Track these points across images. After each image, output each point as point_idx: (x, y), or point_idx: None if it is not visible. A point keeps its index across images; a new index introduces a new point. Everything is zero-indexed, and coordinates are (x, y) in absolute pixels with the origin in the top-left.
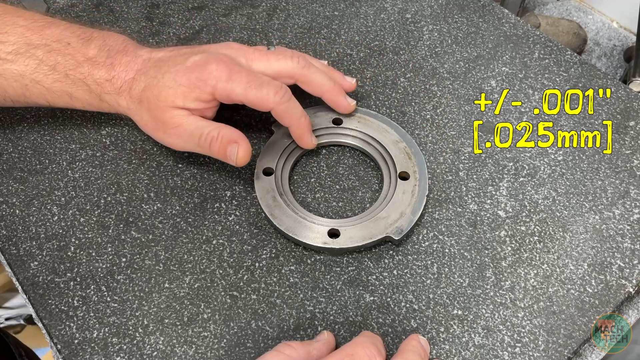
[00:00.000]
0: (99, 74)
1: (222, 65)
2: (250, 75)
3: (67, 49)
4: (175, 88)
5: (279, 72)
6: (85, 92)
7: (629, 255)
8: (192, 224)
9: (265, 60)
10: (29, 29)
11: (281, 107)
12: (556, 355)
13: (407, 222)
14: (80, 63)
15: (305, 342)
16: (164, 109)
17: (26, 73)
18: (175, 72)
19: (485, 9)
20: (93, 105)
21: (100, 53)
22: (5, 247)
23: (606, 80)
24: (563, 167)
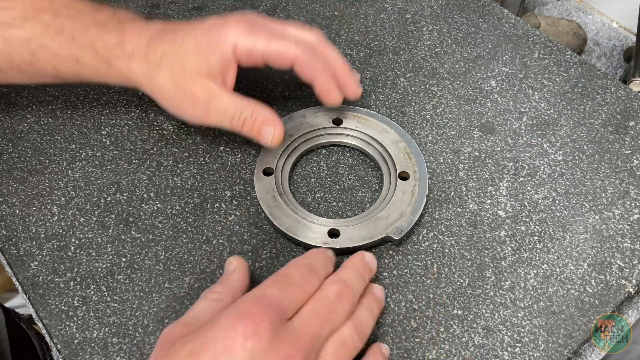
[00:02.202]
0: (108, 38)
1: (242, 21)
2: (271, 29)
3: (76, 14)
4: (197, 53)
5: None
6: (92, 56)
7: (629, 255)
8: (192, 224)
9: (283, 27)
10: None
11: (305, 57)
12: (556, 355)
13: (407, 222)
14: (88, 27)
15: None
16: (192, 80)
17: (33, 38)
18: (194, 35)
19: (485, 9)
20: (100, 71)
21: (110, 20)
22: (5, 247)
23: (606, 80)
24: (563, 167)
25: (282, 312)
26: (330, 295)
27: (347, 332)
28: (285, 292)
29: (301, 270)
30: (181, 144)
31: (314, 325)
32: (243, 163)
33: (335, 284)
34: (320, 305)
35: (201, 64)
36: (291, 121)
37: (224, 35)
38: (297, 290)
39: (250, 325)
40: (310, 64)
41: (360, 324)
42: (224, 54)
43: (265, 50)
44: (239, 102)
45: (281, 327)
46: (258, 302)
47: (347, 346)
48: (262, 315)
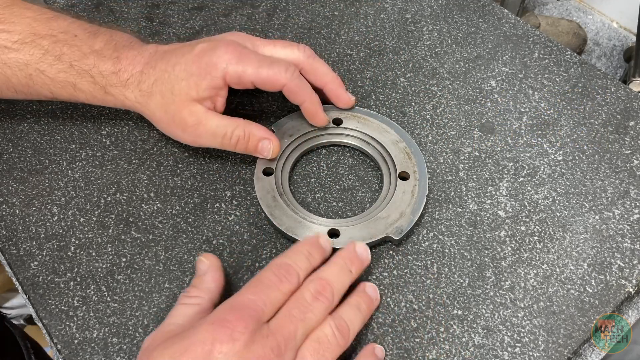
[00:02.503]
0: (105, 66)
1: (231, 47)
2: (260, 56)
3: (74, 41)
4: (187, 79)
5: (285, 59)
6: (90, 83)
7: (629, 255)
8: (192, 224)
9: (272, 46)
10: (36, 20)
11: (293, 82)
12: (556, 355)
13: (407, 222)
14: (86, 54)
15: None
16: (180, 105)
17: (31, 62)
18: (185, 62)
19: (485, 9)
20: (97, 97)
21: (106, 46)
22: (5, 247)
23: (606, 80)
24: (563, 167)
25: (258, 315)
26: (306, 295)
27: (328, 329)
28: (260, 295)
29: (278, 271)
30: (181, 144)
31: (288, 326)
32: (243, 163)
33: (312, 282)
34: (294, 307)
35: (191, 89)
36: (291, 121)
37: (213, 62)
38: (273, 292)
39: (226, 330)
40: (298, 90)
41: (344, 323)
42: (213, 80)
43: (254, 77)
44: (228, 123)
45: (257, 331)
46: (233, 309)
47: (327, 344)
48: (236, 321)
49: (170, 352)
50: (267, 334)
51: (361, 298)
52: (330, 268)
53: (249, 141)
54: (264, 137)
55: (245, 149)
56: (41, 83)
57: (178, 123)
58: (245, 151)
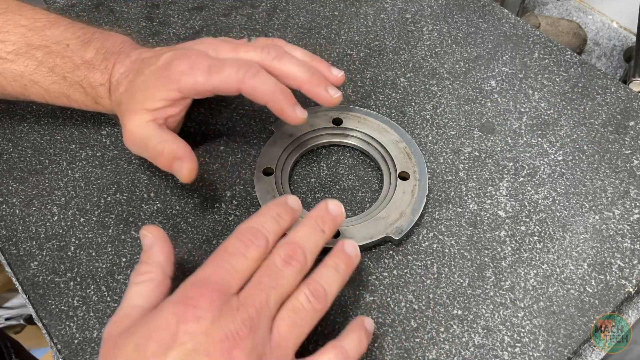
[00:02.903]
0: (94, 78)
1: (185, 59)
2: (211, 61)
3: (66, 51)
4: (144, 90)
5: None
6: (82, 94)
7: (629, 255)
8: (192, 224)
9: (234, 52)
10: (30, 29)
11: (248, 83)
12: (556, 355)
13: (407, 222)
14: (78, 66)
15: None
16: (130, 113)
17: (25, 73)
18: (148, 74)
19: (485, 9)
20: (89, 106)
21: (97, 56)
22: (5, 247)
23: (606, 80)
24: (563, 167)
25: (224, 288)
26: (277, 260)
27: (303, 297)
28: (224, 265)
29: (242, 237)
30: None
31: (259, 295)
32: (243, 163)
33: (282, 247)
34: (264, 274)
35: (146, 99)
36: None
37: (168, 75)
38: (239, 260)
39: (190, 309)
40: (255, 89)
41: (319, 287)
42: (169, 92)
43: (207, 85)
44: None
45: (224, 305)
46: (195, 285)
47: (303, 311)
48: (199, 298)
49: (135, 339)
50: (236, 306)
51: (339, 258)
52: (300, 230)
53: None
54: (177, 157)
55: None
56: (36, 93)
57: (123, 127)
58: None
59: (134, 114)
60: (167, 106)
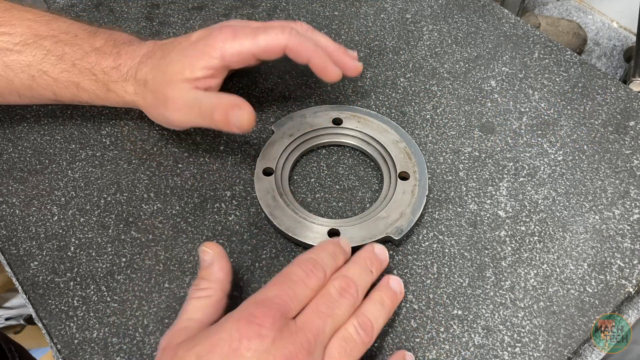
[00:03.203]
0: (106, 63)
1: (225, 29)
2: (254, 26)
3: (75, 40)
4: (182, 60)
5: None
6: (92, 81)
7: (629, 255)
8: (192, 224)
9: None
10: (36, 22)
11: (294, 41)
12: (556, 355)
13: (407, 222)
14: (88, 53)
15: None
16: (167, 84)
17: (33, 63)
18: (181, 48)
19: (485, 9)
20: (99, 96)
21: (106, 44)
22: (5, 247)
23: (606, 80)
24: (563, 167)
25: (285, 311)
26: (332, 291)
27: (352, 328)
28: (287, 290)
29: (304, 267)
30: (181, 144)
31: (316, 322)
32: (243, 163)
33: (337, 279)
34: (322, 302)
35: (185, 68)
36: (291, 121)
37: (210, 44)
38: (300, 288)
39: (254, 327)
40: (301, 46)
41: (367, 320)
42: (211, 60)
43: (253, 48)
44: (204, 94)
45: (284, 326)
46: (260, 304)
47: (352, 342)
48: (263, 317)
49: (196, 351)
50: (295, 330)
51: (384, 293)
52: (352, 267)
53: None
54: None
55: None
56: (44, 84)
57: (162, 101)
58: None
59: (171, 85)
60: (207, 76)
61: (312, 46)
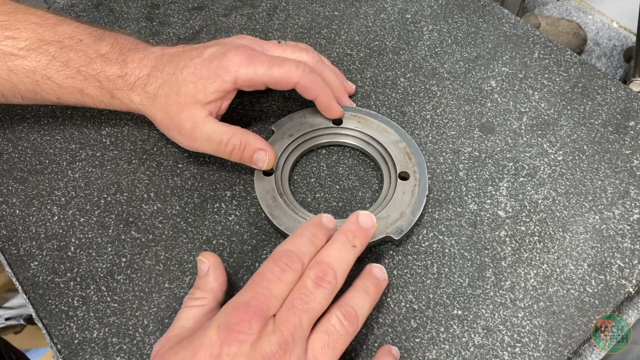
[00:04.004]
0: (112, 70)
1: (242, 51)
2: (269, 57)
3: (80, 46)
4: (195, 82)
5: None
6: (97, 88)
7: (629, 255)
8: (192, 224)
9: (281, 50)
10: (41, 26)
11: (306, 78)
12: (556, 355)
13: (407, 222)
14: (93, 59)
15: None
16: (182, 107)
17: (38, 69)
18: (194, 66)
19: (485, 9)
20: (103, 102)
21: (112, 50)
22: (5, 247)
23: (606, 80)
24: (563, 167)
25: (262, 312)
26: (308, 283)
27: (335, 319)
28: (262, 290)
29: (279, 262)
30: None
31: (291, 319)
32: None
33: (313, 268)
34: (297, 297)
35: (198, 92)
36: (291, 121)
37: (224, 65)
38: (275, 285)
39: (232, 333)
40: (311, 85)
41: (351, 309)
42: (223, 84)
43: (266, 78)
44: (225, 130)
45: (263, 328)
46: (236, 310)
47: (335, 334)
48: (241, 322)
49: (179, 357)
50: (273, 330)
51: (368, 281)
52: (331, 248)
53: (244, 151)
54: (260, 148)
55: (240, 158)
56: (48, 89)
57: (175, 125)
58: (239, 160)
59: (185, 108)
60: (218, 99)
61: (320, 84)
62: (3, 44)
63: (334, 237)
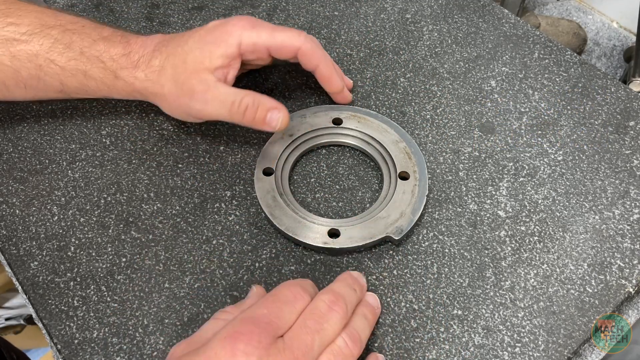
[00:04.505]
0: (115, 50)
1: (244, 18)
2: (272, 25)
3: (83, 29)
4: (201, 48)
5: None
6: (100, 69)
7: (629, 255)
8: (192, 224)
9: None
10: (43, 13)
11: (308, 45)
12: (556, 355)
13: (407, 222)
14: (96, 41)
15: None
16: (191, 74)
17: (41, 52)
18: (199, 36)
19: (485, 9)
20: (107, 84)
21: (114, 34)
22: (5, 247)
23: (606, 80)
24: (563, 167)
25: (273, 329)
26: (321, 305)
27: (341, 341)
28: (275, 309)
29: (292, 288)
30: (181, 144)
31: (304, 338)
32: (243, 163)
33: (326, 294)
34: (309, 318)
35: (205, 57)
36: (291, 121)
37: (228, 31)
38: (288, 307)
39: (239, 345)
40: (313, 52)
41: (355, 332)
42: (228, 48)
43: (269, 41)
44: (238, 91)
45: (272, 345)
46: (246, 322)
47: (341, 355)
48: (250, 334)
49: None
50: (283, 348)
51: (365, 308)
52: (338, 284)
53: (257, 110)
54: (273, 107)
55: (253, 119)
56: (52, 73)
57: (186, 91)
58: (253, 122)
59: (195, 75)
60: (225, 65)
61: (322, 53)
62: (5, 30)
63: (338, 279)
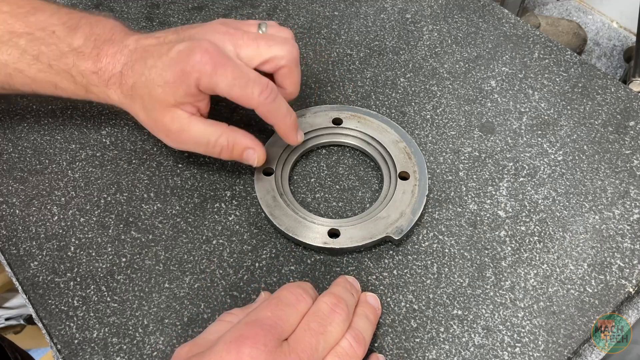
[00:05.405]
0: (85, 66)
1: (207, 56)
2: (236, 71)
3: (52, 38)
4: (162, 86)
5: (270, 59)
6: (70, 82)
7: (629, 255)
8: (192, 224)
9: (254, 46)
10: (12, 16)
11: (265, 107)
12: (556, 355)
13: (407, 222)
14: (65, 53)
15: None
16: (162, 111)
17: (9, 62)
18: (161, 67)
19: (485, 9)
20: (79, 95)
21: (86, 43)
22: (5, 247)
23: (606, 80)
24: (563, 167)
25: (277, 332)
26: (324, 308)
27: (346, 343)
28: (278, 312)
29: (293, 290)
30: None
31: (309, 340)
32: (243, 163)
33: (327, 296)
34: (313, 320)
35: (168, 96)
36: None
37: (187, 71)
38: (290, 310)
39: (245, 349)
40: (269, 114)
41: (359, 333)
42: (188, 89)
43: (226, 93)
44: (212, 130)
45: (277, 348)
46: (250, 325)
47: (346, 357)
48: (254, 338)
49: None
50: (288, 351)
51: (366, 308)
52: (337, 287)
53: (232, 150)
54: (248, 146)
55: (229, 157)
56: (22, 82)
57: (161, 128)
58: (230, 159)
59: (165, 111)
60: (193, 101)
61: (280, 114)
62: None
63: (335, 283)
